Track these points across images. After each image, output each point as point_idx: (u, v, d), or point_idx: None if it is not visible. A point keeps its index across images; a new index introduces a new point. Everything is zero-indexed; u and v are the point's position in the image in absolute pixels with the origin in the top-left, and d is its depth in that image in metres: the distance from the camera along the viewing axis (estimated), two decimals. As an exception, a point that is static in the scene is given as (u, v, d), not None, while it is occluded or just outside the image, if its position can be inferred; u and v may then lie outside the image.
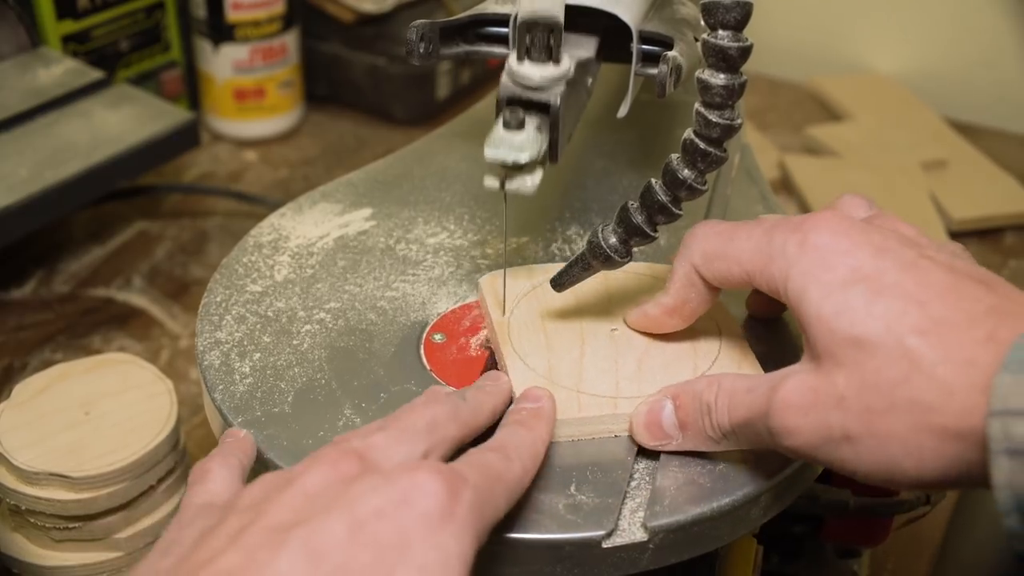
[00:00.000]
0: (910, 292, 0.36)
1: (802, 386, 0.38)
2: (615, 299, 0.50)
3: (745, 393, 0.40)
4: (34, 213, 0.70)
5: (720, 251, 0.42)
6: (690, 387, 0.43)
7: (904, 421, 0.35)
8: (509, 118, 0.42)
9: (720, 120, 0.41)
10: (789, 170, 0.93)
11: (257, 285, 0.53)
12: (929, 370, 0.34)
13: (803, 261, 0.39)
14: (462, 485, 0.35)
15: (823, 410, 0.37)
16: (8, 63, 0.80)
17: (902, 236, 0.40)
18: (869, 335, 0.36)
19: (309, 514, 0.33)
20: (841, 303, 0.37)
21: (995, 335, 0.34)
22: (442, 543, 0.33)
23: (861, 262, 0.38)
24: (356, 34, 1.00)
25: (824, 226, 0.39)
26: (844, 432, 0.36)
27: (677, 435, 0.43)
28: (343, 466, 0.36)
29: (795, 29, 1.17)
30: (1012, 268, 0.85)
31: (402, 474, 0.35)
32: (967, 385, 0.34)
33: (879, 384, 0.35)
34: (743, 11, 0.39)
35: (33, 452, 0.51)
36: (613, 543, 0.40)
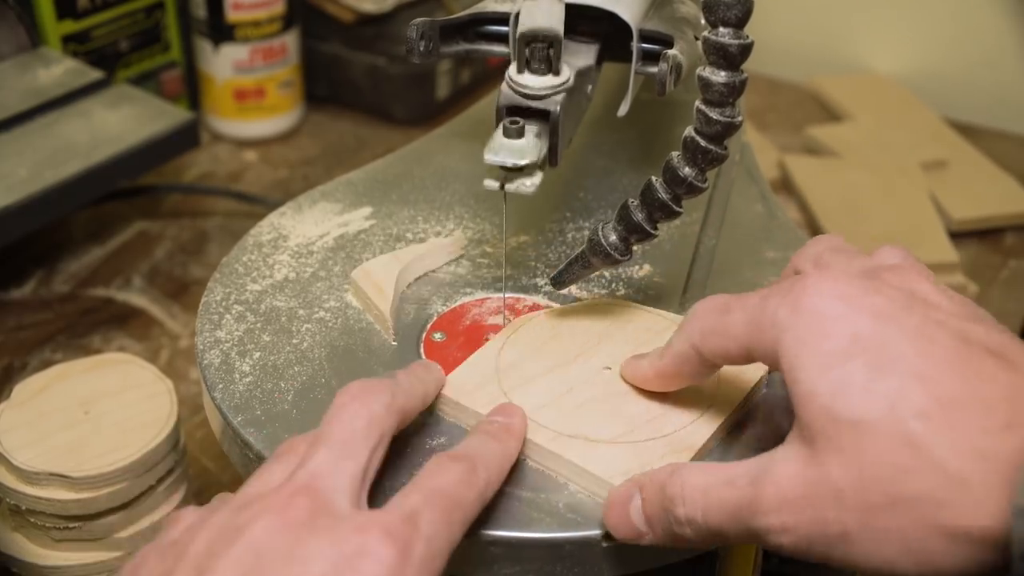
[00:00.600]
0: (915, 366, 0.32)
1: (795, 478, 0.34)
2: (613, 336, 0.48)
3: (724, 486, 0.36)
4: (34, 213, 0.70)
5: (716, 327, 0.38)
6: (653, 475, 0.39)
7: (908, 518, 0.31)
8: (509, 127, 0.42)
9: (721, 118, 0.41)
10: (789, 170, 0.93)
11: (257, 284, 0.53)
12: (936, 460, 0.31)
13: (796, 327, 0.35)
14: (414, 540, 0.34)
15: (819, 506, 0.33)
16: (8, 63, 0.80)
17: (909, 296, 0.35)
18: (868, 417, 0.32)
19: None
20: (838, 379, 0.33)
21: (1012, 423, 0.31)
22: None
23: (860, 329, 0.34)
24: (356, 34, 1.00)
25: (817, 288, 0.35)
26: (841, 530, 0.33)
27: (647, 531, 0.38)
28: (292, 512, 0.34)
29: (795, 29, 1.17)
30: (1012, 268, 0.85)
31: (351, 533, 0.34)
32: (981, 480, 0.30)
33: (879, 475, 0.32)
34: (744, 8, 0.39)
35: (33, 452, 0.51)
36: (613, 542, 0.40)
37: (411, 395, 0.41)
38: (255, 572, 0.33)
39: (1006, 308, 0.81)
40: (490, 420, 0.42)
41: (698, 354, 0.40)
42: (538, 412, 0.43)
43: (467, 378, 0.46)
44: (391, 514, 0.35)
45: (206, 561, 0.34)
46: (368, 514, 0.35)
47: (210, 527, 0.35)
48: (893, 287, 0.36)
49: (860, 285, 0.35)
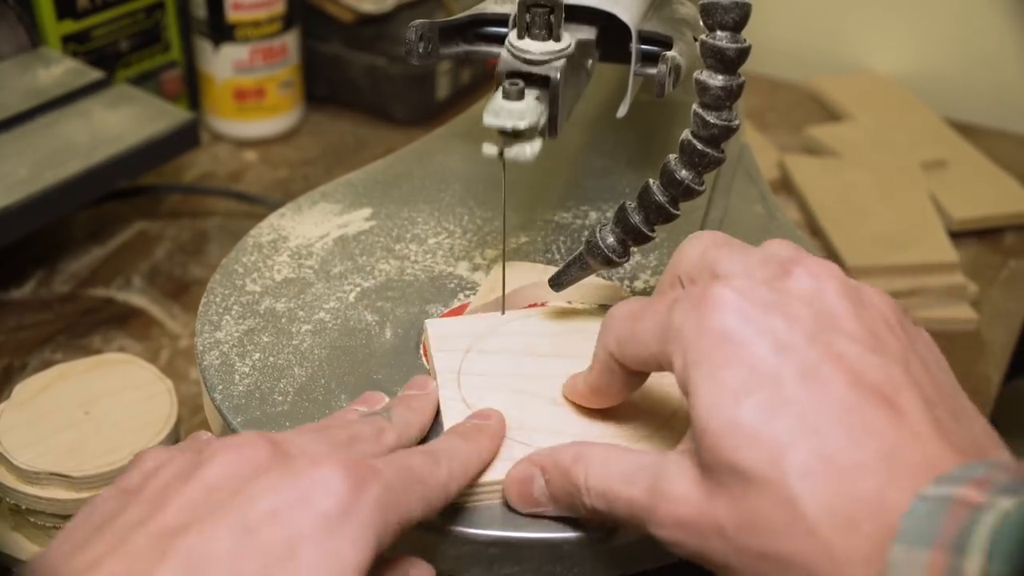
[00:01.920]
0: (806, 414, 0.32)
1: (686, 502, 0.34)
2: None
3: (622, 484, 0.36)
4: (34, 213, 0.70)
5: (630, 334, 0.38)
6: (557, 460, 0.39)
7: (779, 573, 0.32)
8: (509, 88, 0.41)
9: (718, 121, 0.41)
10: (789, 170, 0.93)
11: (257, 285, 0.53)
12: (810, 527, 0.31)
13: (699, 346, 0.34)
14: (371, 478, 0.34)
15: (705, 535, 0.33)
16: (8, 63, 0.80)
17: (814, 316, 0.34)
18: (753, 468, 0.32)
19: (200, 514, 0.32)
20: (730, 418, 0.33)
21: (883, 494, 0.30)
22: (336, 550, 0.32)
23: (760, 361, 0.33)
24: (356, 34, 1.00)
25: (722, 303, 0.34)
26: (723, 562, 0.33)
27: (551, 506, 0.40)
28: (250, 452, 0.34)
29: (795, 29, 1.17)
30: (1012, 268, 0.85)
31: (305, 467, 0.33)
32: (847, 552, 0.30)
33: (759, 527, 0.32)
34: (741, 12, 0.39)
35: (33, 452, 0.52)
36: (613, 542, 0.40)
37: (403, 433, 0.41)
38: (203, 508, 0.32)
39: (1006, 308, 0.81)
40: (464, 422, 0.43)
41: (618, 363, 0.39)
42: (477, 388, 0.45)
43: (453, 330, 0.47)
44: (345, 457, 0.34)
45: (160, 495, 0.34)
46: (322, 454, 0.35)
47: (171, 466, 0.35)
48: (801, 301, 0.35)
49: (765, 301, 0.35)
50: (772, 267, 0.37)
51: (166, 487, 0.34)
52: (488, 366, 0.46)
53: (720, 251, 0.39)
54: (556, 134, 0.43)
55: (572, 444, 0.40)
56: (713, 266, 0.38)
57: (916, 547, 0.29)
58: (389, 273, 0.54)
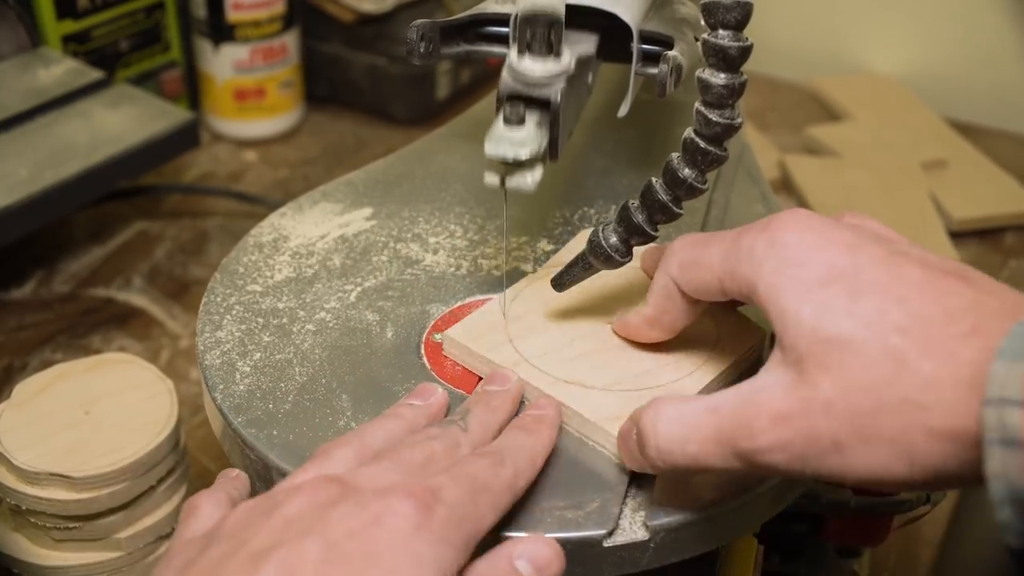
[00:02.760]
0: (888, 288, 0.35)
1: (786, 395, 0.36)
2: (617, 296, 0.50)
3: (706, 414, 0.37)
4: (34, 213, 0.70)
5: (694, 259, 0.41)
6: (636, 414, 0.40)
7: (894, 422, 0.34)
8: (509, 113, 0.41)
9: (720, 119, 0.41)
10: (789, 170, 0.93)
11: (257, 285, 0.53)
12: (915, 367, 0.33)
13: (773, 259, 0.37)
14: (435, 502, 0.35)
15: (810, 418, 0.35)
16: (8, 63, 0.80)
17: (872, 232, 0.38)
18: (853, 335, 0.35)
19: (286, 538, 0.34)
20: (820, 303, 0.36)
21: (977, 328, 0.33)
22: (415, 550, 0.34)
23: (834, 258, 0.36)
24: (356, 34, 1.00)
25: (792, 223, 0.38)
26: (833, 439, 0.35)
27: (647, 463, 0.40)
28: (323, 493, 0.36)
29: (795, 30, 1.17)
30: (1012, 268, 0.85)
31: (374, 498, 0.35)
32: (952, 380, 0.33)
33: (866, 385, 0.34)
34: (743, 11, 0.39)
35: (33, 452, 0.51)
36: (614, 542, 0.40)
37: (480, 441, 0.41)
38: (286, 534, 0.34)
39: (1006, 308, 0.81)
40: (524, 415, 0.43)
41: (677, 288, 0.42)
42: (539, 359, 0.46)
43: (475, 324, 0.48)
44: (407, 483, 0.36)
45: (242, 531, 0.35)
46: (389, 483, 0.36)
47: (244, 507, 0.37)
48: (856, 224, 0.39)
49: (829, 221, 0.38)
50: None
51: (246, 526, 0.36)
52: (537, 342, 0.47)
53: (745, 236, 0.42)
54: (557, 157, 0.44)
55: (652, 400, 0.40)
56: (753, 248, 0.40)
57: (1016, 361, 0.31)
58: (390, 273, 0.54)
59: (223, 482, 0.42)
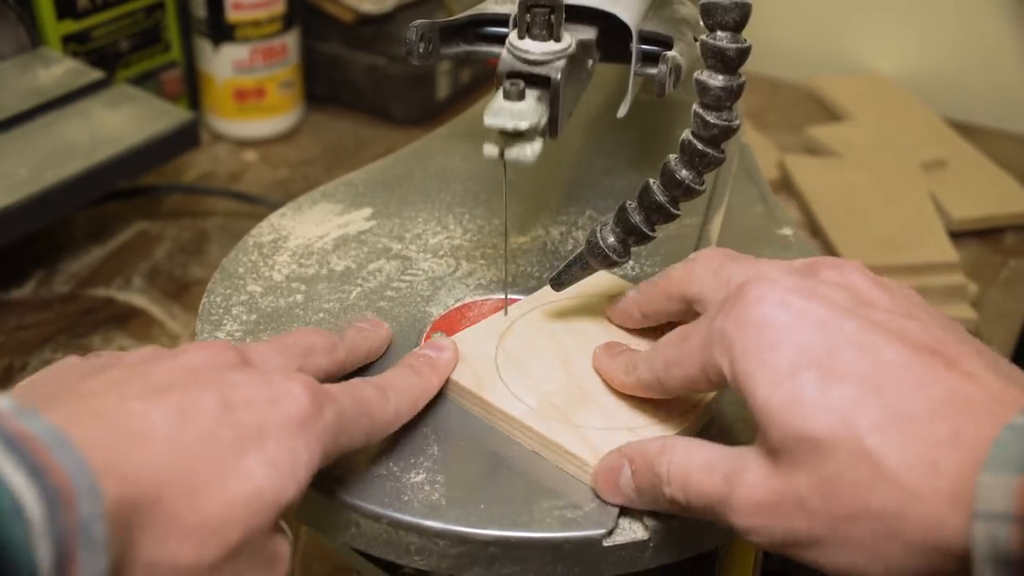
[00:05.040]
0: (864, 376, 0.33)
1: (763, 486, 0.34)
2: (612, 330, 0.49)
3: (703, 474, 0.36)
4: (34, 213, 0.70)
5: (677, 357, 0.39)
6: (644, 451, 0.39)
7: (871, 529, 0.32)
8: (509, 89, 0.41)
9: (718, 121, 0.41)
10: (789, 170, 0.93)
11: (257, 285, 0.53)
12: (892, 476, 0.31)
13: (743, 339, 0.35)
14: (328, 403, 0.37)
15: (785, 514, 0.34)
16: (8, 63, 0.80)
17: (847, 297, 0.36)
18: (824, 433, 0.32)
19: (187, 382, 0.35)
20: (791, 394, 0.33)
21: (960, 433, 0.31)
22: (295, 447, 0.35)
23: (806, 339, 0.34)
24: (356, 34, 1.00)
25: (758, 298, 0.35)
26: (809, 537, 0.33)
27: (636, 498, 0.40)
28: (225, 354, 0.37)
29: (795, 30, 1.17)
30: (1012, 268, 0.85)
31: (278, 378, 0.36)
32: (934, 493, 0.31)
33: (841, 489, 0.32)
34: (742, 12, 0.39)
35: (33, 452, 0.51)
36: (614, 541, 0.40)
37: (352, 349, 0.44)
38: (186, 378, 0.35)
39: (1006, 308, 0.81)
40: (416, 354, 0.45)
41: (662, 385, 0.41)
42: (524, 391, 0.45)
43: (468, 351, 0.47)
44: (311, 380, 0.37)
45: (141, 365, 0.36)
46: (292, 371, 0.38)
47: (145, 350, 0.38)
48: (831, 286, 0.36)
49: (799, 290, 0.35)
50: (797, 266, 0.38)
51: (144, 360, 0.36)
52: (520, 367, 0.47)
53: (735, 265, 0.40)
54: (557, 134, 0.43)
55: (660, 438, 0.40)
56: (731, 279, 0.39)
57: (1004, 472, 0.29)
58: (389, 273, 0.54)
59: None
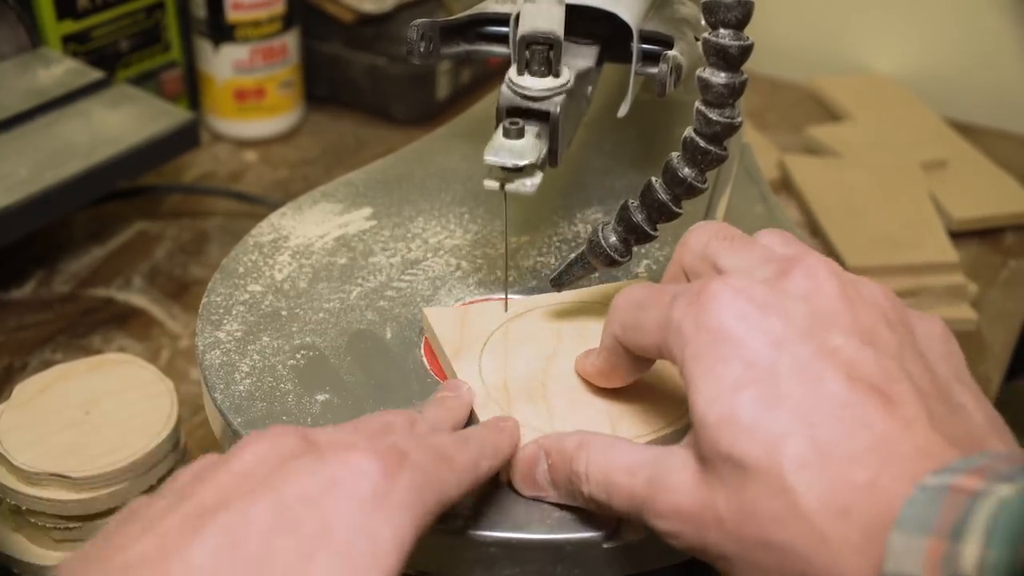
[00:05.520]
0: (800, 407, 0.33)
1: (686, 493, 0.35)
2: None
3: (625, 476, 0.37)
4: (34, 213, 0.70)
5: (633, 322, 0.39)
6: (561, 446, 0.39)
7: (779, 562, 0.32)
8: (509, 128, 0.42)
9: (720, 118, 0.41)
10: (789, 170, 0.93)
11: (257, 285, 0.53)
12: (805, 515, 0.31)
13: (696, 343, 0.35)
14: (401, 464, 0.34)
15: (703, 527, 0.34)
16: (8, 63, 0.80)
17: (809, 314, 0.35)
18: (750, 459, 0.32)
19: (233, 496, 0.32)
20: (727, 411, 0.33)
21: (876, 483, 0.31)
22: (373, 529, 0.32)
23: (756, 356, 0.34)
24: (356, 34, 1.00)
25: (720, 301, 0.35)
26: (721, 553, 0.34)
27: (552, 492, 0.40)
28: (280, 441, 0.34)
29: (795, 29, 1.17)
30: (1012, 268, 0.85)
31: (335, 452, 0.33)
32: (841, 539, 0.31)
33: (756, 516, 0.32)
34: (744, 10, 0.39)
35: (33, 452, 0.51)
36: (614, 543, 0.40)
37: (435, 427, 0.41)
38: (235, 491, 0.32)
39: (1006, 308, 0.81)
40: (489, 419, 0.43)
41: (623, 347, 0.40)
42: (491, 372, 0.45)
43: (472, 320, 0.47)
44: (374, 443, 0.34)
45: (189, 485, 0.34)
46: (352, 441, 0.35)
47: (199, 462, 0.35)
48: (797, 299, 0.35)
49: (760, 301, 0.35)
50: (772, 266, 0.37)
51: (195, 478, 0.34)
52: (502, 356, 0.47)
53: (722, 244, 0.39)
54: (557, 164, 0.44)
55: (577, 432, 0.40)
56: (714, 259, 0.39)
57: (915, 534, 0.29)
58: (390, 273, 0.54)
59: None
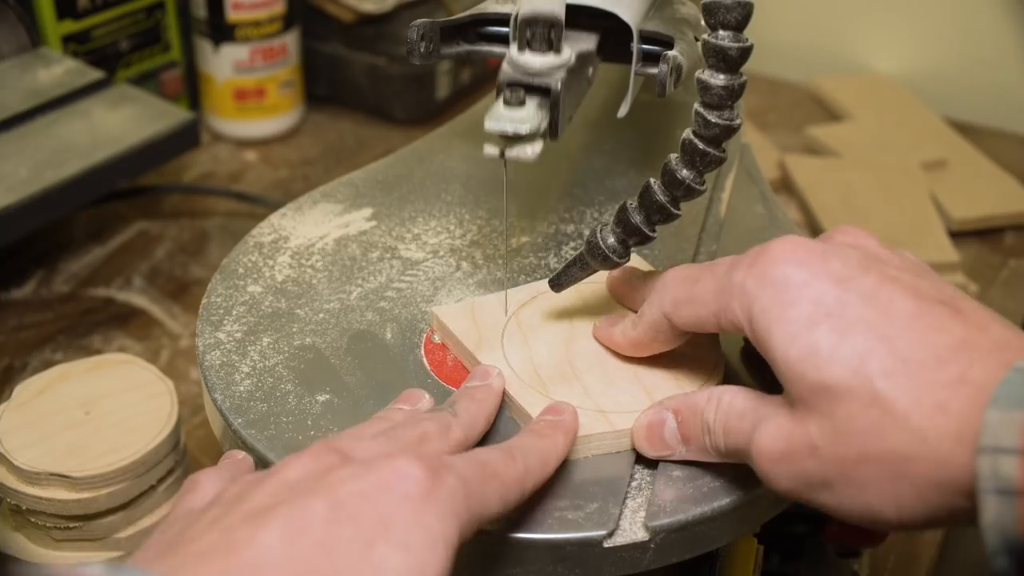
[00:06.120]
0: (876, 327, 0.35)
1: (776, 433, 0.37)
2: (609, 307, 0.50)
3: (737, 420, 0.39)
4: (34, 213, 0.70)
5: (687, 296, 0.41)
6: (691, 402, 0.42)
7: (880, 470, 0.34)
8: (510, 96, 0.41)
9: (719, 120, 0.41)
10: (789, 170, 0.93)
11: (257, 285, 0.53)
12: (901, 418, 0.33)
13: (763, 297, 0.37)
14: (444, 471, 0.34)
15: (798, 459, 0.36)
16: (8, 63, 0.80)
17: (863, 256, 0.38)
18: (837, 381, 0.34)
19: (288, 497, 0.33)
20: (807, 345, 0.35)
21: (966, 376, 0.33)
22: (425, 522, 0.33)
23: (823, 294, 0.36)
24: (356, 34, 1.00)
25: (780, 257, 0.38)
26: (822, 479, 0.35)
27: (680, 448, 0.42)
28: (324, 459, 0.36)
29: (796, 30, 1.17)
30: (1012, 268, 0.85)
31: (381, 461, 0.34)
32: (940, 432, 0.32)
33: (851, 433, 0.34)
34: (744, 11, 0.39)
35: (33, 452, 0.51)
36: (614, 543, 0.40)
37: (469, 427, 0.41)
38: (288, 493, 0.34)
39: (1006, 308, 0.81)
40: (538, 419, 0.43)
41: (670, 323, 0.42)
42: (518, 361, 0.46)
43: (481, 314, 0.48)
44: (419, 453, 0.35)
45: (240, 494, 0.34)
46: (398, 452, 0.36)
47: (242, 479, 0.36)
48: (847, 246, 0.39)
49: (818, 250, 0.38)
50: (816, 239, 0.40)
51: (245, 490, 0.35)
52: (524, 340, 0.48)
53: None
54: (557, 137, 0.43)
55: (706, 389, 0.42)
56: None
57: (1010, 409, 0.31)
58: (390, 273, 0.54)
59: (227, 463, 0.42)
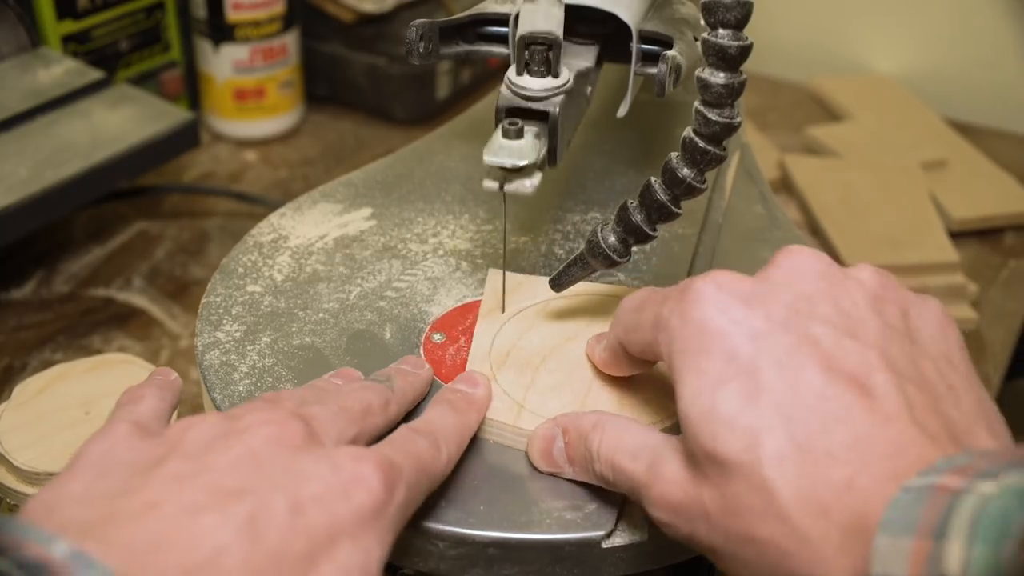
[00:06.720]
0: (780, 401, 0.33)
1: (677, 485, 0.35)
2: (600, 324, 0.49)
3: (628, 459, 0.38)
4: (34, 213, 0.70)
5: (634, 324, 0.40)
6: (578, 424, 0.41)
7: (761, 556, 0.33)
8: (508, 128, 0.42)
9: (719, 119, 0.41)
10: (789, 170, 0.93)
11: (257, 285, 0.53)
12: (783, 512, 0.32)
13: (682, 337, 0.36)
14: (398, 480, 0.35)
15: (691, 518, 0.35)
16: (8, 63, 0.80)
17: (793, 301, 0.35)
18: (729, 456, 0.33)
19: (256, 483, 0.33)
20: (708, 406, 0.34)
21: (853, 483, 0.31)
22: (367, 546, 0.34)
23: (737, 349, 0.34)
24: (356, 34, 1.00)
25: (703, 296, 0.36)
26: (710, 545, 0.35)
27: (567, 468, 0.42)
28: (289, 430, 0.35)
29: (795, 29, 1.17)
30: (1012, 268, 0.85)
31: (348, 461, 0.35)
32: (821, 536, 0.31)
33: (739, 512, 0.33)
34: (743, 10, 0.39)
35: (33, 452, 0.51)
36: (613, 543, 0.40)
37: (403, 402, 0.43)
38: (254, 476, 0.33)
39: (1006, 308, 0.81)
40: (452, 389, 0.44)
41: (624, 348, 0.42)
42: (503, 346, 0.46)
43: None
44: (380, 456, 0.36)
45: (204, 453, 0.34)
46: (359, 449, 0.36)
47: (203, 423, 0.36)
48: (780, 288, 0.36)
49: (744, 294, 0.36)
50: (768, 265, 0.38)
51: (208, 445, 0.34)
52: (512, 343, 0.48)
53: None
54: (556, 163, 0.44)
55: (594, 412, 0.42)
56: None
57: (899, 536, 0.29)
58: (389, 273, 0.54)
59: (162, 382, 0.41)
